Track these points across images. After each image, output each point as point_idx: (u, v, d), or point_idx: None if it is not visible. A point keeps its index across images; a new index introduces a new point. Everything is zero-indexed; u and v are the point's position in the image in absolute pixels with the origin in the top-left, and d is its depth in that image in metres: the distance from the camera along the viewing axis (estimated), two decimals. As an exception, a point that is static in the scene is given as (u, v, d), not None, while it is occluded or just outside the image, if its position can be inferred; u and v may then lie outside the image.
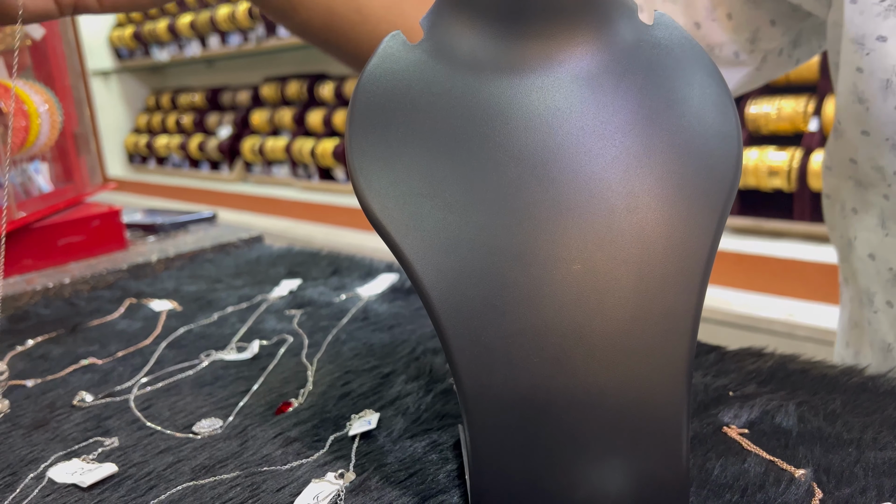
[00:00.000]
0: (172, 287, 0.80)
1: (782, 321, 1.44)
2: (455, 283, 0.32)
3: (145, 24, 3.48)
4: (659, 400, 0.32)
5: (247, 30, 2.96)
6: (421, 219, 0.32)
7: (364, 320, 0.65)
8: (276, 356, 0.58)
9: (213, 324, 0.67)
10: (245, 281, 0.80)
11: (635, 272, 0.32)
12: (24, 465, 0.43)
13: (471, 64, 0.34)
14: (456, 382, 0.32)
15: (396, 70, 0.35)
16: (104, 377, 0.56)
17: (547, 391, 0.32)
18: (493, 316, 0.32)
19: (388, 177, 0.33)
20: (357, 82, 0.35)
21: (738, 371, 0.50)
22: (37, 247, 0.84)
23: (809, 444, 0.40)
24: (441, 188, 0.33)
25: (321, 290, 0.74)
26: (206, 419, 0.48)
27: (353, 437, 0.44)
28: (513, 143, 0.33)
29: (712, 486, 0.37)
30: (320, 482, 0.39)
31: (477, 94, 0.34)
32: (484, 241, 0.32)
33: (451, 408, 0.47)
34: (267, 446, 0.44)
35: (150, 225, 1.01)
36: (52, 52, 0.93)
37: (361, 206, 0.33)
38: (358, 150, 0.33)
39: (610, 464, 0.32)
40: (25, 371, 0.59)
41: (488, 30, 0.34)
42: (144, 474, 0.41)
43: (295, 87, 2.91)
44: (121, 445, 0.45)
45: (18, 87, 0.83)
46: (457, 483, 0.39)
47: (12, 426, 0.49)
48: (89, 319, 0.70)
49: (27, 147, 0.84)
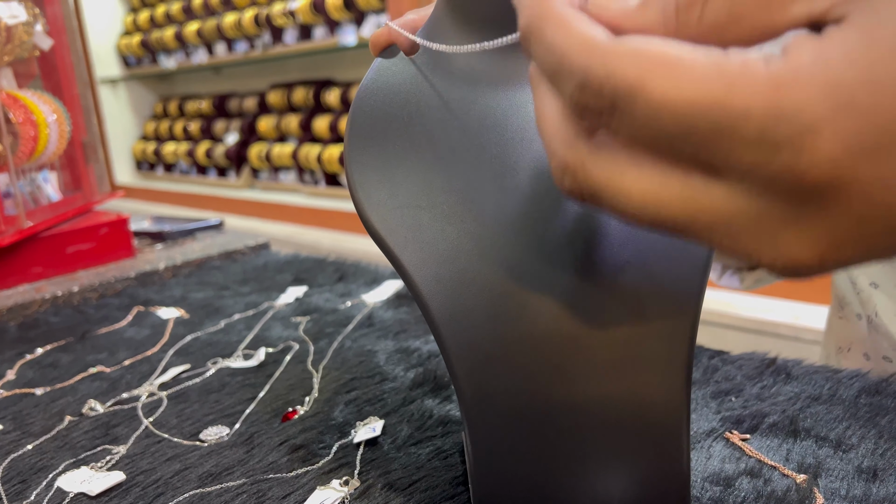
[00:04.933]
0: (180, 294, 0.80)
1: (788, 324, 1.43)
2: (454, 293, 0.32)
3: (152, 31, 3.50)
4: (659, 405, 0.32)
5: (253, 37, 2.97)
6: (419, 230, 0.33)
7: (369, 327, 0.65)
8: (282, 363, 0.59)
9: (219, 331, 0.67)
10: (252, 288, 0.81)
11: (633, 278, 0.32)
12: (33, 474, 0.44)
13: (467, 76, 0.35)
14: (456, 391, 0.33)
15: (393, 83, 0.35)
16: (112, 385, 0.57)
17: (547, 398, 0.32)
18: (492, 324, 0.32)
19: (386, 189, 0.33)
20: (355, 96, 0.35)
21: (741, 376, 0.50)
22: (46, 255, 0.85)
23: (812, 450, 0.40)
24: (438, 200, 0.33)
25: (327, 297, 0.75)
26: (212, 426, 0.48)
27: (358, 444, 0.44)
28: (509, 154, 0.33)
29: (714, 492, 0.37)
30: (325, 489, 0.39)
31: (473, 106, 0.34)
32: (482, 251, 0.32)
33: (455, 415, 0.47)
34: (273, 453, 0.44)
35: (157, 232, 1.01)
36: (60, 61, 0.94)
37: (360, 218, 0.33)
38: (356, 162, 0.34)
39: (611, 470, 0.33)
40: (35, 379, 0.59)
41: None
42: (152, 482, 0.42)
43: (301, 93, 2.92)
44: (129, 453, 0.46)
45: (27, 97, 0.83)
46: (460, 490, 0.39)
47: (22, 434, 0.49)
48: (98, 327, 0.71)
49: (36, 157, 0.85)
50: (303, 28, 2.72)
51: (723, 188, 0.19)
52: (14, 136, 0.81)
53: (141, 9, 3.66)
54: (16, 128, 0.81)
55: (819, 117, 0.17)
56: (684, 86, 0.18)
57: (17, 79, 0.87)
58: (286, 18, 2.72)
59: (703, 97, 0.18)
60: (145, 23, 3.57)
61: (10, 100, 0.81)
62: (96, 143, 0.99)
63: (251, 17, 2.88)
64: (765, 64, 0.18)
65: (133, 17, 3.68)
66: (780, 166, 0.18)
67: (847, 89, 0.17)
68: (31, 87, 0.89)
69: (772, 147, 0.18)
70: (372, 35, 0.37)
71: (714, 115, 0.18)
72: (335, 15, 2.53)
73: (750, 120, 0.18)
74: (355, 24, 2.51)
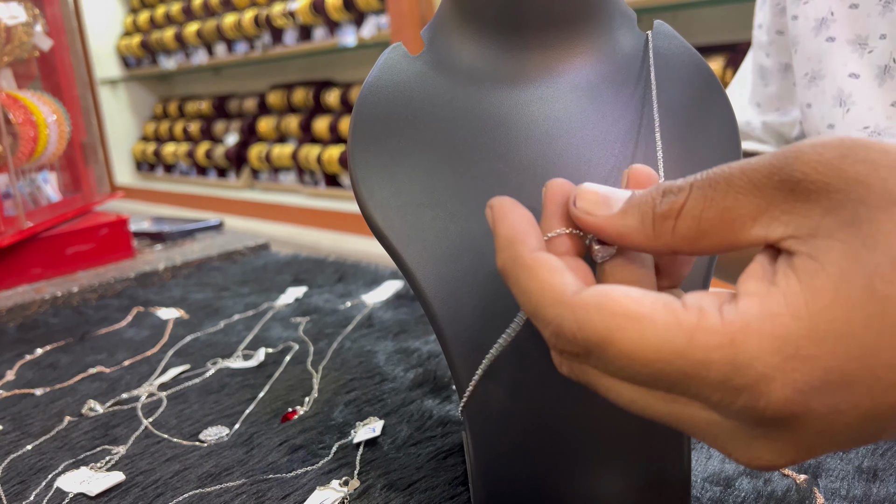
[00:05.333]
0: (179, 295, 0.80)
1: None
2: (456, 292, 0.32)
3: (152, 32, 3.50)
4: None
5: (253, 38, 2.97)
6: (422, 229, 0.33)
7: (369, 327, 0.65)
8: (281, 364, 0.59)
9: (219, 332, 0.67)
10: (251, 289, 0.80)
11: None
12: (33, 474, 0.44)
13: (471, 75, 0.35)
14: (458, 390, 0.33)
15: (398, 82, 0.35)
16: (112, 385, 0.57)
17: (548, 398, 0.32)
18: (494, 324, 0.32)
19: (389, 187, 0.33)
20: (359, 94, 0.35)
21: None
22: (45, 256, 0.85)
23: (812, 450, 0.40)
24: (442, 198, 0.33)
25: (327, 298, 0.75)
26: (212, 427, 0.48)
27: (358, 444, 0.44)
28: (513, 153, 0.33)
29: (714, 492, 0.37)
30: (325, 489, 0.39)
31: (477, 105, 0.34)
32: (485, 250, 0.32)
33: (454, 415, 0.47)
34: (272, 454, 0.44)
35: (157, 233, 1.01)
36: (60, 62, 0.94)
37: (364, 216, 0.33)
38: (360, 161, 0.34)
39: (611, 469, 0.33)
40: (34, 380, 0.59)
41: (488, 41, 0.35)
42: (151, 482, 0.42)
43: (301, 94, 2.93)
44: (128, 453, 0.46)
45: (27, 97, 0.83)
46: (460, 490, 0.39)
47: (21, 435, 0.49)
48: (97, 328, 0.71)
49: (35, 157, 0.84)
50: (303, 29, 2.72)
51: (699, 406, 0.22)
52: (14, 136, 0.81)
53: (141, 9, 3.66)
54: (16, 128, 0.81)
55: (771, 367, 0.19)
56: (649, 339, 0.21)
57: (16, 79, 0.87)
58: (286, 19, 2.72)
59: (668, 349, 0.20)
60: (145, 23, 3.57)
61: (9, 100, 0.81)
62: (96, 143, 0.99)
63: (251, 18, 2.89)
64: (719, 316, 0.20)
65: (133, 18, 3.68)
66: (742, 406, 0.20)
67: (793, 342, 0.19)
68: (30, 88, 0.89)
69: (733, 392, 0.20)
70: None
71: (679, 364, 0.20)
72: (335, 16, 2.53)
73: (711, 369, 0.20)
74: (355, 24, 2.51)
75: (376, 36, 2.41)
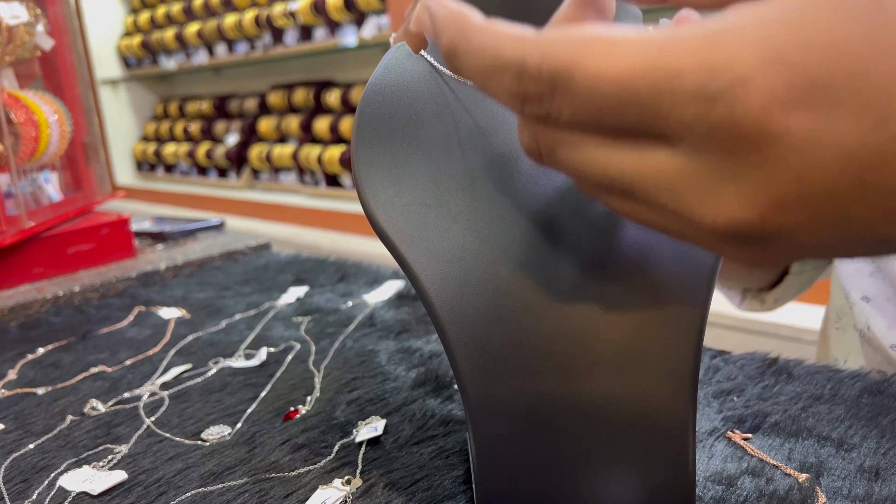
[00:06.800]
0: (181, 294, 0.80)
1: (789, 325, 1.43)
2: (459, 292, 0.32)
3: (153, 32, 3.50)
4: (665, 407, 0.32)
5: (253, 38, 2.97)
6: (425, 229, 0.33)
7: (371, 327, 0.65)
8: (283, 363, 0.59)
9: (221, 331, 0.67)
10: (253, 288, 0.81)
11: (640, 279, 0.32)
12: (35, 473, 0.44)
13: None
14: (461, 391, 0.32)
15: (401, 81, 0.35)
16: (114, 384, 0.57)
17: (552, 399, 0.32)
18: (497, 324, 0.32)
19: (393, 187, 0.33)
20: (363, 94, 0.35)
21: (743, 376, 0.50)
22: (47, 255, 0.85)
23: (814, 450, 0.40)
24: (445, 198, 0.33)
25: (328, 297, 0.75)
26: (214, 426, 0.48)
27: (360, 443, 0.44)
28: (517, 153, 0.33)
29: (716, 491, 0.37)
30: (327, 488, 0.39)
31: (482, 105, 0.34)
32: (488, 251, 0.32)
33: (456, 414, 0.47)
34: (275, 453, 0.44)
35: (158, 233, 1.01)
36: (61, 62, 0.94)
37: (367, 216, 0.33)
38: (363, 160, 0.34)
39: (616, 471, 0.32)
40: (36, 379, 0.59)
41: None
42: (154, 481, 0.42)
43: (302, 94, 2.93)
44: (130, 452, 0.46)
45: (28, 97, 0.83)
46: (463, 489, 0.39)
47: (24, 434, 0.49)
48: (99, 327, 0.71)
49: (37, 157, 0.85)
50: (303, 29, 2.72)
51: (666, 151, 0.20)
52: (15, 136, 0.81)
53: (141, 10, 3.66)
54: (17, 128, 0.81)
55: (751, 69, 0.18)
56: (619, 56, 0.19)
57: (18, 79, 0.87)
58: (287, 19, 2.72)
59: (639, 63, 0.19)
60: (146, 24, 3.57)
61: (11, 100, 0.81)
62: (97, 143, 0.99)
63: (252, 18, 2.89)
64: (698, 27, 0.19)
65: (134, 18, 3.68)
66: (717, 118, 0.18)
67: (777, 46, 0.18)
68: (32, 88, 0.90)
69: (708, 100, 0.18)
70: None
71: (650, 77, 0.19)
72: (335, 16, 2.53)
73: (685, 77, 0.18)
74: (356, 24, 2.51)
75: (377, 36, 2.41)
